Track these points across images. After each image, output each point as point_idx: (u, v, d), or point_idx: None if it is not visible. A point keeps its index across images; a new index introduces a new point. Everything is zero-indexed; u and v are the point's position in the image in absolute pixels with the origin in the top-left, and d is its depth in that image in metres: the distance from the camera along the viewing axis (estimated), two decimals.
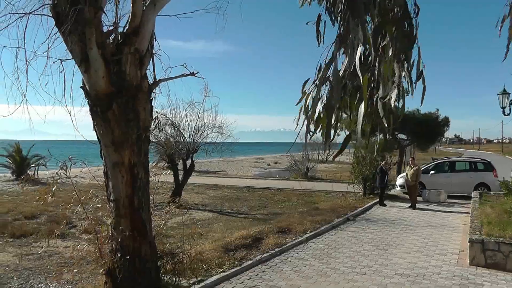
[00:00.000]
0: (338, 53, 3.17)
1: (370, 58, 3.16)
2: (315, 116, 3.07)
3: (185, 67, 6.55)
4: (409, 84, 3.17)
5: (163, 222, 7.20)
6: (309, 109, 3.11)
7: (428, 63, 3.15)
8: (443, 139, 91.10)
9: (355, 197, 16.31)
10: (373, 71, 3.16)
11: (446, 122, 23.56)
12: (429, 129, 22.17)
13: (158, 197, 8.64)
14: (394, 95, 2.97)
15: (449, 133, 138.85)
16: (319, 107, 3.10)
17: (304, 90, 3.25)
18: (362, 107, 2.94)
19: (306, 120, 3.11)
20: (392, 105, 3.07)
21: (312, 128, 3.15)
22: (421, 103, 2.99)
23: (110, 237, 5.66)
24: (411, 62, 3.16)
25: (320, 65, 3.16)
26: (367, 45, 3.05)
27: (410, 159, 16.83)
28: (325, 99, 3.11)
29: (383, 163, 15.95)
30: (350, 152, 19.02)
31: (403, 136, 23.12)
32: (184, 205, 13.49)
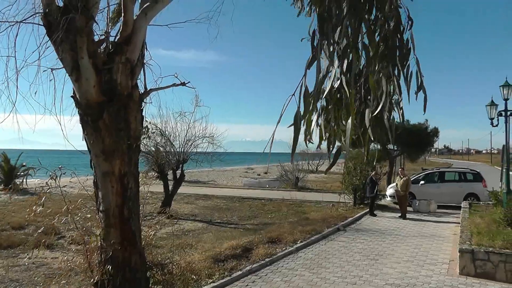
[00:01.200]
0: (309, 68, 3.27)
1: (357, 72, 3.27)
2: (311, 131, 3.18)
3: (176, 77, 6.59)
4: (399, 95, 3.29)
5: (153, 232, 7.16)
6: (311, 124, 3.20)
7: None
8: (433, 150, 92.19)
9: (346, 207, 16.36)
10: (362, 85, 3.26)
11: (435, 132, 23.80)
12: (419, 139, 22.35)
13: (148, 207, 8.58)
14: (384, 108, 3.09)
15: (439, 144, 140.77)
16: (314, 122, 3.19)
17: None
18: (349, 121, 3.03)
19: (305, 134, 3.19)
20: (385, 117, 3.17)
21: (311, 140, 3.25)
22: (424, 111, 3.23)
23: (100, 248, 5.60)
24: (409, 73, 3.26)
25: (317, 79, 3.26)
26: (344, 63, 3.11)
27: (400, 169, 16.93)
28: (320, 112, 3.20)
29: (373, 173, 16.08)
30: (341, 162, 19.13)
31: (393, 147, 23.48)
32: (174, 215, 13.37)
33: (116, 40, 5.64)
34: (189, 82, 6.80)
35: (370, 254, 9.37)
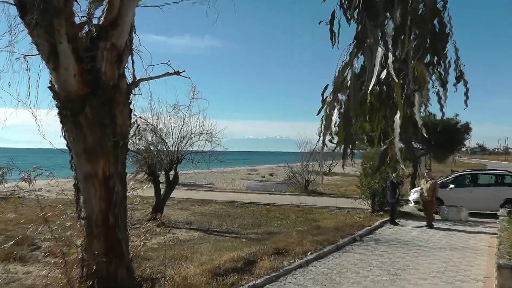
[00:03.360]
0: (356, 57, 3.21)
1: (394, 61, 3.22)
2: (333, 128, 3.16)
3: (169, 65, 6.57)
4: (443, 86, 3.23)
5: (142, 242, 7.14)
6: (331, 119, 3.18)
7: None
8: (464, 149, 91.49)
9: (363, 214, 16.36)
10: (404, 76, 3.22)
11: (466, 129, 23.16)
12: (447, 137, 21.99)
13: (136, 213, 8.58)
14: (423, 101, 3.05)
15: (471, 142, 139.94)
16: (335, 116, 3.17)
17: (324, 97, 3.30)
18: (397, 117, 2.95)
19: (323, 132, 3.17)
20: (422, 113, 3.14)
21: (333, 139, 3.23)
22: (465, 105, 3.17)
23: (81, 261, 5.58)
24: (448, 62, 3.21)
25: (340, 69, 3.22)
26: (389, 48, 3.08)
27: (426, 171, 16.76)
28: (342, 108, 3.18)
29: (394, 175, 15.88)
30: (356, 162, 19.13)
31: (417, 145, 23.16)
32: (167, 223, 13.38)
33: (100, 23, 5.58)
34: (184, 71, 6.79)
35: (391, 268, 9.31)
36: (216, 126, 15.72)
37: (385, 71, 3.04)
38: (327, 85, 3.34)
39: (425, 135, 2.94)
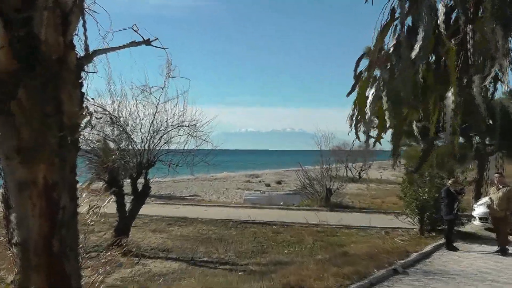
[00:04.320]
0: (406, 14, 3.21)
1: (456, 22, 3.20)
2: (367, 114, 3.14)
3: (136, 32, 6.58)
4: None
5: (101, 278, 7.18)
6: (367, 103, 3.17)
7: None
8: None
9: (407, 236, 16.53)
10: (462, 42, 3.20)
11: None
12: None
13: (92, 237, 8.57)
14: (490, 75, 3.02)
15: None
16: (370, 99, 3.16)
17: (358, 72, 3.29)
18: (450, 96, 3.00)
19: (356, 120, 3.17)
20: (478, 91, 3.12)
21: (370, 131, 3.23)
22: None
23: None
24: None
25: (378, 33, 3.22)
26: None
27: (497, 175, 16.62)
28: (383, 88, 3.17)
29: (451, 181, 15.88)
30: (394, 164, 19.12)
31: (483, 140, 23.33)
32: (135, 250, 13.43)
33: None
34: (156, 39, 6.75)
35: None
36: (203, 115, 15.71)
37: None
38: (362, 55, 3.34)
39: (487, 122, 2.93)
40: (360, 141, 3.56)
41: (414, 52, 2.92)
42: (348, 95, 3.32)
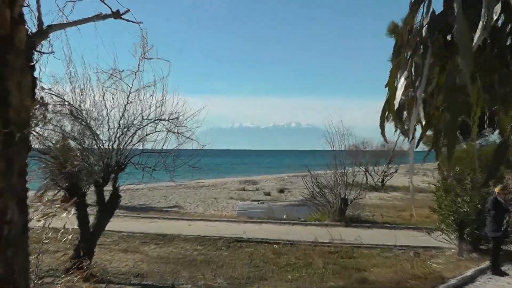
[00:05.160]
0: None
1: None
2: (396, 103, 3.14)
3: (102, 1, 6.51)
4: None
5: None
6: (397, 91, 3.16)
7: None
8: None
9: (443, 257, 16.45)
10: None
11: None
12: None
13: (47, 259, 8.53)
14: None
15: None
16: (401, 86, 3.15)
17: (396, 53, 3.30)
18: None
19: (384, 113, 3.17)
20: None
21: (403, 125, 3.23)
22: None
23: None
24: None
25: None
26: None
27: None
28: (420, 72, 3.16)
29: (499, 189, 15.40)
30: (425, 168, 19.29)
31: None
32: (100, 275, 13.39)
33: None
34: (127, 11, 6.70)
35: None
36: (186, 106, 15.29)
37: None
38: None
39: None
40: (386, 141, 3.57)
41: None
42: (387, 85, 3.33)
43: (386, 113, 3.37)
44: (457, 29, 2.90)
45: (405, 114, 3.62)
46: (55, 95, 13.13)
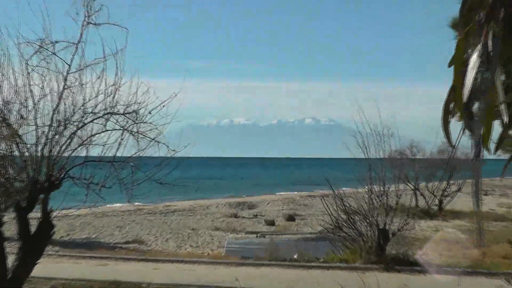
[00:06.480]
0: None
1: None
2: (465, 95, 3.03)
3: None
4: None
5: None
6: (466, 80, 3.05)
7: None
8: None
9: None
10: None
11: None
12: None
13: None
14: None
15: None
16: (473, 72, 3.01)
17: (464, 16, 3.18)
18: None
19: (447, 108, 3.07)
20: None
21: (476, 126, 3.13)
22: None
23: None
24: None
25: None
26: None
27: None
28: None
29: None
30: (504, 184, 19.58)
31: None
32: None
33: None
34: None
35: None
36: (152, 94, 13.93)
37: None
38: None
39: None
40: (451, 144, 3.49)
41: None
42: (450, 65, 3.22)
43: (451, 104, 3.25)
44: None
45: (475, 107, 3.49)
46: None
